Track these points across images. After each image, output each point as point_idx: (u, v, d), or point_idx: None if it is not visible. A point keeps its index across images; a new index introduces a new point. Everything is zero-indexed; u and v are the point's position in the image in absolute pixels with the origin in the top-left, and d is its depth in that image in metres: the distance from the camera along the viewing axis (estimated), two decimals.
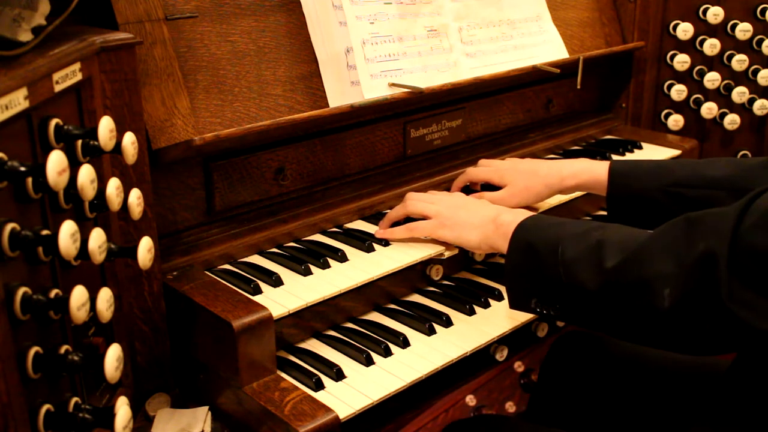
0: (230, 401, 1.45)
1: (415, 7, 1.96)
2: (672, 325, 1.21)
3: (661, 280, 1.19)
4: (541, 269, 1.38)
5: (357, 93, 1.80)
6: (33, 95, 1.03)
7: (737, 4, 2.53)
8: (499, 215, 1.57)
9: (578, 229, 1.38)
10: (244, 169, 1.71)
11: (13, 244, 0.97)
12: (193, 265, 1.61)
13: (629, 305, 1.25)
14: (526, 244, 1.43)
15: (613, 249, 1.28)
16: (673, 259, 1.19)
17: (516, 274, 1.45)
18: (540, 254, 1.38)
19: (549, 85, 2.40)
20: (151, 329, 1.50)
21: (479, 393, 1.78)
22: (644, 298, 1.21)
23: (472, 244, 1.63)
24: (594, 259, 1.29)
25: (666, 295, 1.18)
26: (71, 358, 1.07)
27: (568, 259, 1.33)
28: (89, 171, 1.07)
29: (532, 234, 1.43)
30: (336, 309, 1.66)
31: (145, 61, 1.49)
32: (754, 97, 2.58)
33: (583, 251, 1.32)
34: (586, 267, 1.30)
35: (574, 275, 1.32)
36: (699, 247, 1.16)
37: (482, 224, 1.59)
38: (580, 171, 1.84)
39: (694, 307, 1.17)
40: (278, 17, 1.77)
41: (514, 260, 1.45)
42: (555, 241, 1.37)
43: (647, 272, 1.21)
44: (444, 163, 2.12)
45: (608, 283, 1.27)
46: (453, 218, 1.66)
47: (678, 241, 1.20)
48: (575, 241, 1.34)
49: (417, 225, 1.72)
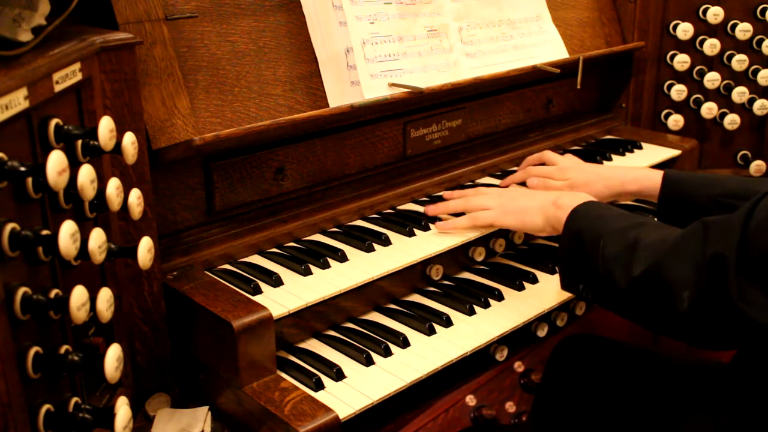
0: (230, 401, 1.45)
1: (415, 7, 1.96)
2: (691, 324, 1.28)
3: (680, 284, 1.26)
4: (586, 258, 1.46)
5: (357, 93, 1.80)
6: (33, 95, 1.03)
7: (737, 4, 2.53)
8: (559, 198, 1.64)
9: (621, 224, 1.45)
10: (244, 169, 1.71)
11: (13, 244, 0.97)
12: (193, 265, 1.61)
13: (654, 305, 1.33)
14: (576, 231, 1.51)
15: (642, 252, 1.35)
16: (690, 263, 1.26)
17: (567, 259, 1.53)
18: (585, 244, 1.46)
19: (549, 85, 2.40)
20: (151, 329, 1.50)
21: (479, 393, 1.78)
22: (666, 300, 1.28)
23: (537, 226, 1.69)
24: (627, 259, 1.36)
25: (685, 298, 1.25)
26: (71, 358, 1.07)
27: (607, 255, 1.40)
28: (89, 171, 1.07)
29: (582, 222, 1.51)
30: (336, 309, 1.66)
31: (145, 61, 1.49)
32: (754, 97, 2.58)
33: (619, 250, 1.39)
34: (619, 266, 1.38)
35: (609, 271, 1.39)
36: (710, 250, 1.22)
37: (543, 207, 1.66)
38: (641, 177, 1.88)
39: (709, 307, 1.23)
40: (278, 17, 1.77)
41: (565, 245, 1.53)
42: (599, 234, 1.44)
43: (668, 276, 1.28)
44: (444, 163, 2.13)
45: (635, 286, 1.35)
46: (514, 205, 1.74)
47: (694, 246, 1.26)
48: (616, 237, 1.41)
49: (479, 214, 1.78)
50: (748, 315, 1.16)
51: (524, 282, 1.83)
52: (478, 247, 1.87)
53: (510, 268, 1.91)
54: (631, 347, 1.87)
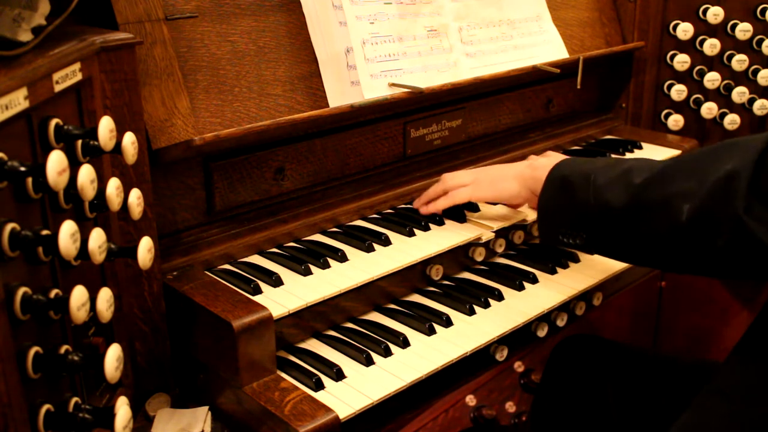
0: (230, 401, 1.45)
1: (415, 7, 1.96)
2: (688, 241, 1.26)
3: (681, 197, 1.25)
4: (572, 199, 1.46)
5: (357, 93, 1.80)
6: (33, 95, 1.03)
7: (737, 4, 2.53)
8: (534, 161, 1.69)
9: (611, 161, 1.47)
10: (244, 169, 1.71)
11: (13, 244, 0.97)
12: (193, 265, 1.61)
13: (651, 221, 1.31)
14: (561, 178, 1.51)
15: (642, 170, 1.35)
16: (696, 177, 1.24)
17: (548, 208, 1.54)
18: (573, 184, 1.47)
19: (549, 85, 2.40)
20: (151, 329, 1.50)
21: (479, 393, 1.78)
22: (665, 213, 1.27)
23: (512, 192, 1.72)
24: (624, 180, 1.37)
25: (685, 210, 1.24)
26: (71, 358, 1.07)
27: (599, 184, 1.41)
28: (89, 171, 1.07)
29: (567, 169, 1.52)
30: (336, 309, 1.66)
31: (145, 61, 1.49)
32: (754, 97, 2.58)
33: (614, 176, 1.40)
34: (615, 188, 1.38)
35: (602, 196, 1.40)
36: (725, 166, 1.20)
37: (518, 173, 1.70)
38: None
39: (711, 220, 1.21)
40: (278, 17, 1.77)
41: (547, 195, 1.54)
42: (588, 171, 1.45)
43: (670, 189, 1.27)
44: (444, 163, 2.12)
45: (634, 199, 1.34)
46: (488, 177, 1.78)
47: (704, 162, 1.25)
48: (608, 169, 1.43)
49: (456, 192, 1.80)
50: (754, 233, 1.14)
51: (524, 282, 1.83)
52: (478, 247, 1.87)
53: (510, 268, 1.91)
54: (630, 348, 1.87)
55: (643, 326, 2.62)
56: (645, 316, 2.61)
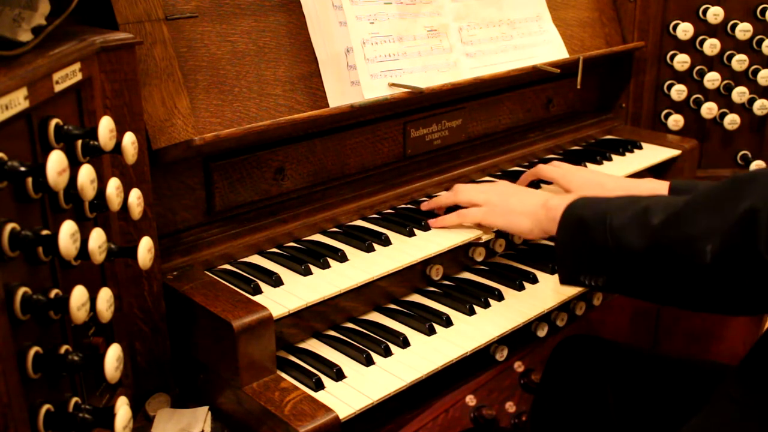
0: (230, 401, 1.45)
1: (415, 7, 1.96)
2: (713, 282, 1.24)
3: (704, 236, 1.22)
4: (590, 241, 1.43)
5: (357, 93, 1.80)
6: (33, 95, 1.03)
7: (737, 4, 2.53)
8: (548, 200, 1.63)
9: (626, 200, 1.43)
10: (244, 169, 1.71)
11: (13, 244, 0.97)
12: (193, 265, 1.61)
13: (674, 262, 1.28)
14: (576, 219, 1.48)
15: (659, 210, 1.32)
16: (717, 215, 1.22)
17: (566, 251, 1.50)
18: (589, 226, 1.43)
19: (549, 85, 2.40)
20: (151, 329, 1.50)
21: (479, 393, 1.78)
22: (688, 253, 1.24)
23: (523, 229, 1.68)
24: (641, 221, 1.33)
25: (708, 251, 1.21)
26: (71, 358, 1.07)
27: (616, 226, 1.38)
28: (89, 171, 1.07)
29: (581, 210, 1.49)
30: (336, 309, 1.66)
31: (145, 61, 1.49)
32: (754, 97, 2.58)
33: (630, 217, 1.36)
34: (633, 230, 1.34)
35: (621, 240, 1.36)
36: (744, 203, 1.18)
37: (533, 210, 1.65)
38: (647, 191, 1.84)
39: (734, 261, 1.19)
40: (278, 17, 1.77)
41: (564, 237, 1.50)
42: (603, 213, 1.42)
43: (691, 228, 1.24)
44: (444, 163, 2.12)
45: (654, 241, 1.31)
46: (503, 205, 1.73)
47: (724, 199, 1.23)
48: (623, 210, 1.39)
49: (468, 212, 1.77)
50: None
51: (524, 282, 1.83)
52: (478, 247, 1.87)
53: (510, 268, 1.91)
54: (630, 348, 1.87)
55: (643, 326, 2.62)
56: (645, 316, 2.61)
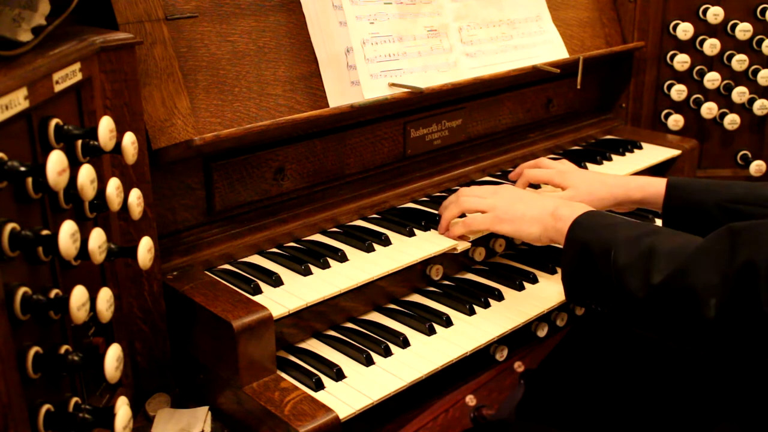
0: (230, 401, 1.45)
1: (415, 7, 1.96)
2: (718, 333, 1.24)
3: (707, 291, 1.22)
4: (594, 270, 1.41)
5: (357, 93, 1.80)
6: (33, 95, 1.03)
7: (737, 4, 2.53)
8: (558, 208, 1.59)
9: (632, 232, 1.40)
10: (244, 169, 1.71)
11: (13, 244, 0.97)
12: (193, 265, 1.61)
13: (676, 314, 1.28)
14: (581, 244, 1.45)
15: (662, 260, 1.30)
16: (717, 269, 1.22)
17: (571, 272, 1.48)
18: (594, 256, 1.41)
19: (549, 85, 2.40)
20: (151, 329, 1.50)
21: (479, 393, 1.78)
22: (691, 307, 1.24)
23: (532, 237, 1.64)
24: (643, 268, 1.32)
25: (713, 305, 1.21)
26: (71, 358, 1.07)
27: (620, 264, 1.36)
28: (89, 171, 1.07)
29: (587, 234, 1.46)
30: (336, 309, 1.66)
31: (145, 61, 1.49)
32: (754, 97, 2.58)
33: (634, 259, 1.34)
34: (635, 275, 1.33)
35: (624, 281, 1.34)
36: (740, 257, 1.18)
37: (541, 217, 1.61)
38: (645, 184, 1.85)
39: (737, 316, 1.19)
40: (278, 17, 1.77)
41: (569, 258, 1.48)
42: (608, 244, 1.39)
43: (693, 283, 1.24)
44: (444, 163, 2.13)
45: (655, 295, 1.30)
46: (510, 211, 1.67)
47: (722, 252, 1.22)
48: (628, 246, 1.36)
49: (474, 219, 1.73)
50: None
51: (524, 282, 1.83)
52: (478, 247, 1.87)
53: (510, 268, 1.91)
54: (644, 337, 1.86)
55: None
56: None
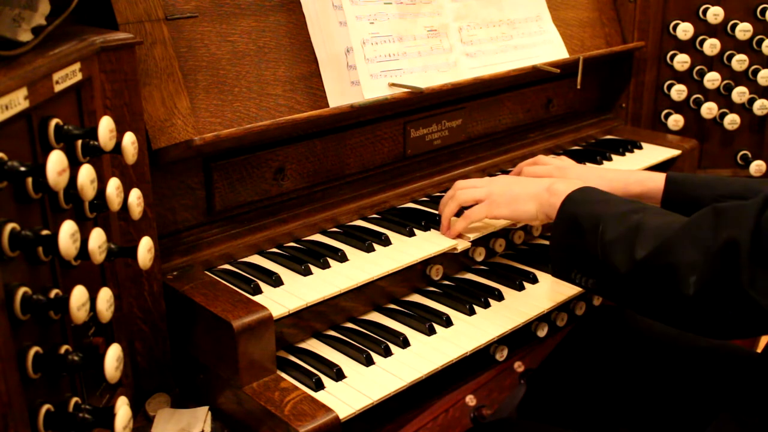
0: (230, 401, 1.45)
1: (415, 7, 1.96)
2: (697, 311, 1.26)
3: (687, 268, 1.23)
4: (582, 243, 1.42)
5: (357, 93, 1.80)
6: (33, 95, 1.03)
7: (737, 4, 2.53)
8: (553, 184, 1.60)
9: (621, 208, 1.42)
10: (244, 169, 1.71)
11: (13, 244, 0.97)
12: (193, 265, 1.61)
13: (657, 290, 1.30)
14: (571, 216, 1.46)
15: (647, 236, 1.32)
16: (699, 247, 1.23)
17: (560, 245, 1.49)
18: (583, 229, 1.42)
19: (549, 85, 2.40)
20: (151, 329, 1.50)
21: (479, 393, 1.78)
22: (671, 284, 1.25)
23: (530, 214, 1.64)
24: (629, 243, 1.33)
25: (692, 283, 1.22)
26: (71, 358, 1.07)
27: (606, 239, 1.37)
28: (89, 171, 1.07)
29: (578, 208, 1.47)
30: (336, 309, 1.66)
31: (145, 61, 1.49)
32: (754, 97, 2.58)
33: (621, 233, 1.35)
34: (620, 249, 1.34)
35: (609, 255, 1.36)
36: (722, 235, 1.20)
37: (537, 193, 1.61)
38: (645, 179, 1.85)
39: (717, 294, 1.21)
40: (278, 17, 1.77)
41: (559, 231, 1.49)
42: (598, 218, 1.41)
43: (675, 260, 1.25)
44: (444, 163, 2.13)
45: (638, 270, 1.31)
46: (506, 194, 1.67)
47: (704, 231, 1.24)
48: (616, 221, 1.38)
49: (471, 211, 1.72)
50: (761, 304, 1.14)
51: (524, 282, 1.83)
52: (478, 247, 1.87)
53: (510, 268, 1.91)
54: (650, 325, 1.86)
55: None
56: None
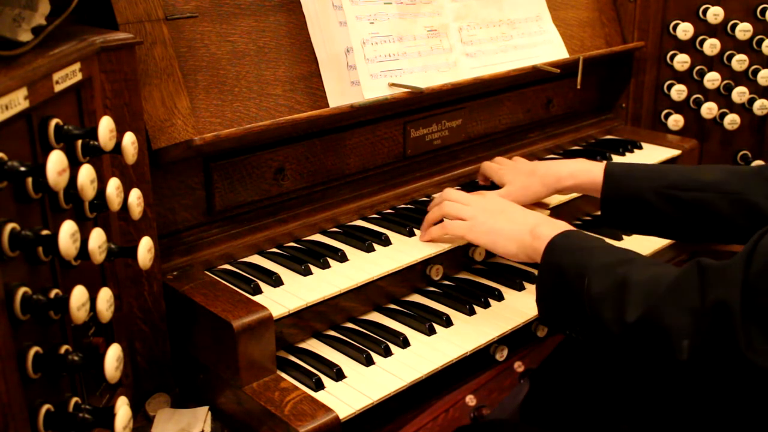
0: (230, 401, 1.45)
1: (415, 7, 1.96)
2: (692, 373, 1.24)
3: (679, 332, 1.20)
4: (569, 296, 1.39)
5: (357, 93, 1.80)
6: (33, 95, 1.03)
7: (737, 4, 2.53)
8: (537, 226, 1.55)
9: (606, 258, 1.38)
10: (244, 169, 1.71)
11: (13, 244, 0.97)
12: (193, 265, 1.61)
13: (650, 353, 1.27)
14: (556, 266, 1.43)
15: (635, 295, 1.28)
16: (687, 311, 1.20)
17: (546, 295, 1.46)
18: (567, 281, 1.39)
19: (549, 85, 2.40)
20: (151, 329, 1.50)
21: (479, 393, 1.78)
22: (665, 348, 1.23)
23: (508, 253, 1.61)
24: (617, 302, 1.29)
25: (685, 347, 1.20)
26: (71, 358, 1.07)
27: (593, 294, 1.34)
28: (89, 171, 1.07)
29: (562, 257, 1.44)
30: (336, 309, 1.66)
31: (145, 61, 1.49)
32: (754, 97, 2.58)
33: (608, 289, 1.32)
34: (609, 308, 1.30)
35: (598, 313, 1.32)
36: (710, 297, 1.17)
37: (520, 235, 1.58)
38: (577, 171, 1.84)
39: (713, 357, 1.18)
40: (278, 17, 1.77)
41: (544, 280, 1.46)
42: (582, 270, 1.37)
43: (666, 324, 1.22)
44: (444, 163, 2.13)
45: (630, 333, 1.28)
46: (488, 223, 1.64)
47: (691, 293, 1.21)
48: (602, 274, 1.34)
49: (451, 224, 1.70)
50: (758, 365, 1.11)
51: (524, 282, 1.83)
52: (478, 247, 1.87)
53: (510, 268, 1.91)
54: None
55: None
56: None
